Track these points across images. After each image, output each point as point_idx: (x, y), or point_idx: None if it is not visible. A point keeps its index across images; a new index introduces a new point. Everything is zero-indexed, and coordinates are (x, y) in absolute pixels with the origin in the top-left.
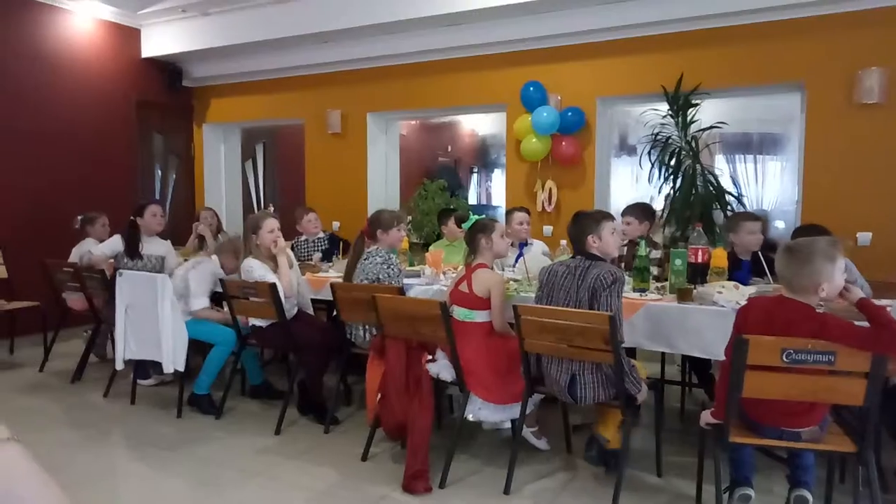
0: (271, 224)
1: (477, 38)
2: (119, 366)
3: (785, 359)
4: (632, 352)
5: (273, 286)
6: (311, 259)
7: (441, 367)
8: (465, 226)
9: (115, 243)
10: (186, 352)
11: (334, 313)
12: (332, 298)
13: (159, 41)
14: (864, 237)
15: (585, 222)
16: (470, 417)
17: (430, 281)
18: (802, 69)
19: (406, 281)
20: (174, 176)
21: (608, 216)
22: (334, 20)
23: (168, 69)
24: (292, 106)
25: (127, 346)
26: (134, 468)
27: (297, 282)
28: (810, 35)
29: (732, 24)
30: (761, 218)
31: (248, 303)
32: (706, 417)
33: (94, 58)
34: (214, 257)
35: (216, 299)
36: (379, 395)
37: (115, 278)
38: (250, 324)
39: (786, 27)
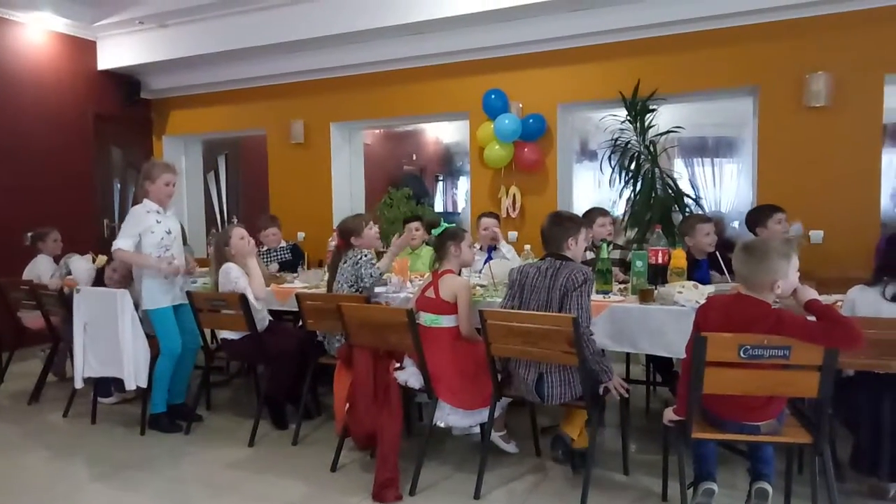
0: (240, 231)
1: (438, 47)
2: (78, 384)
3: (742, 354)
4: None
5: (243, 297)
6: (270, 270)
7: (409, 375)
8: (435, 232)
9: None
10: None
11: (300, 323)
12: (297, 309)
13: (116, 53)
14: (817, 235)
15: (568, 224)
16: (440, 424)
17: (397, 289)
18: (754, 74)
19: (377, 290)
20: (134, 190)
21: (586, 222)
22: (295, 31)
23: (125, 81)
24: (254, 117)
25: (87, 363)
26: (96, 490)
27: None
28: (761, 41)
29: (687, 30)
30: (713, 219)
31: (218, 315)
32: (669, 415)
33: (48, 71)
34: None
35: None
36: (347, 405)
37: (73, 295)
38: (220, 337)
39: (738, 33)
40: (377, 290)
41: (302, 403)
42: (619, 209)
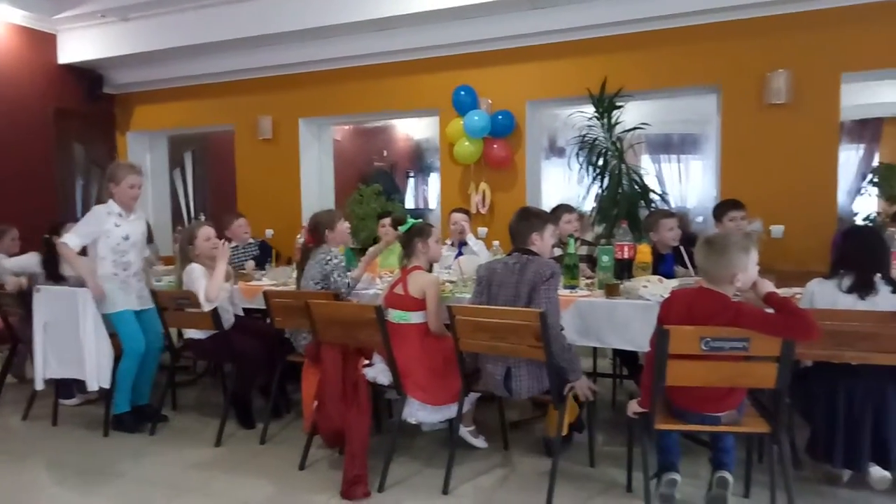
0: (206, 232)
1: (408, 42)
2: (39, 386)
3: (704, 347)
4: None
5: None
6: (244, 267)
7: (378, 372)
8: (402, 228)
9: (28, 261)
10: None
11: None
12: (265, 307)
13: (77, 47)
14: (777, 230)
15: (534, 220)
16: (409, 420)
17: (366, 286)
18: (717, 72)
19: None
20: (97, 187)
21: (553, 218)
22: (262, 25)
23: (87, 76)
24: (221, 112)
25: (47, 364)
26: (57, 494)
27: (221, 291)
28: (724, 39)
29: (652, 28)
30: (677, 214)
31: (183, 314)
32: (633, 407)
33: (5, 64)
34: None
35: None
36: (315, 403)
37: (32, 294)
38: (185, 336)
39: (701, 32)
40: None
41: (270, 402)
42: (588, 205)
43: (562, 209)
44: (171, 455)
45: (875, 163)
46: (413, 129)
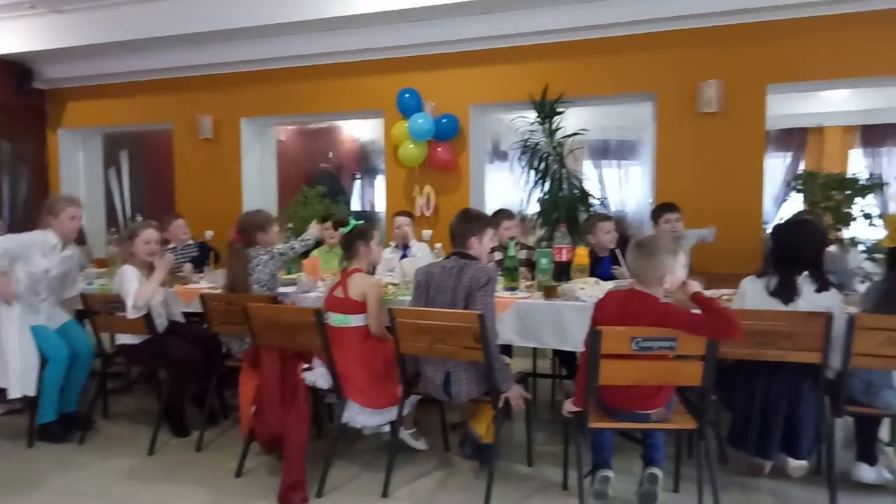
0: (148, 235)
1: (353, 44)
2: None
3: (634, 347)
4: (507, 349)
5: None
6: (182, 270)
7: (318, 376)
8: (344, 230)
9: None
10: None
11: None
12: (202, 310)
13: (4, 38)
14: (710, 233)
15: (473, 223)
16: (349, 424)
17: (308, 288)
18: (653, 81)
19: (282, 289)
20: (25, 186)
21: (493, 222)
22: (204, 22)
23: (16, 69)
24: (160, 110)
25: None
26: None
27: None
28: (659, 49)
29: (592, 37)
30: (614, 218)
31: (115, 318)
32: (568, 406)
33: None
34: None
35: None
36: (253, 408)
37: None
38: (118, 342)
39: (638, 42)
40: (285, 289)
41: (206, 408)
42: (531, 209)
43: (502, 215)
44: (101, 465)
45: (800, 170)
46: (359, 131)
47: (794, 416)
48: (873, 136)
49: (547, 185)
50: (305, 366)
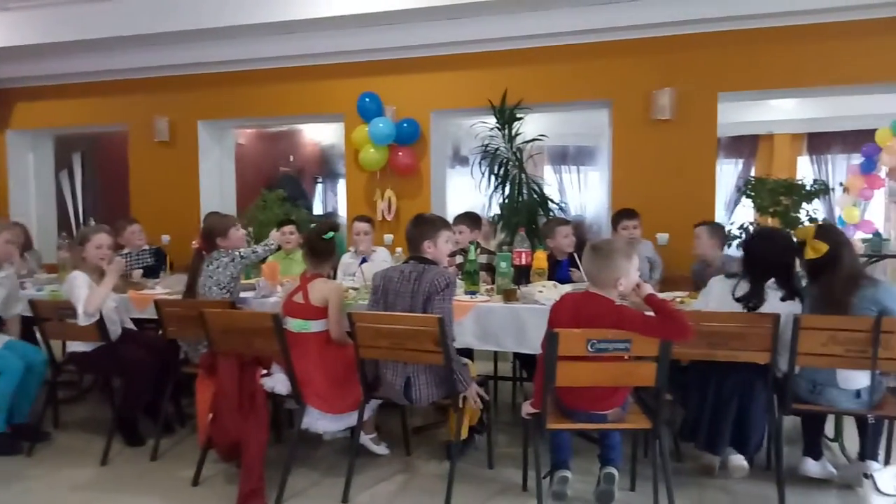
0: (100, 239)
1: (313, 47)
2: None
3: (590, 348)
4: (468, 353)
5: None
6: (131, 276)
7: (277, 381)
8: (328, 236)
9: None
10: None
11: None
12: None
13: None
14: (663, 238)
15: (425, 227)
16: (310, 430)
17: (266, 293)
18: (609, 88)
19: (244, 295)
20: None
21: (447, 225)
22: (159, 22)
23: None
24: (114, 112)
25: None
26: None
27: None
28: (615, 57)
29: (550, 44)
30: (572, 222)
31: (66, 325)
32: (526, 408)
33: None
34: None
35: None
36: (210, 415)
37: None
38: (69, 350)
39: (594, 49)
40: (245, 295)
41: (161, 417)
42: (492, 213)
43: (458, 219)
44: (52, 477)
45: (751, 176)
46: (321, 135)
47: (745, 413)
48: (819, 143)
49: (507, 190)
50: (264, 372)
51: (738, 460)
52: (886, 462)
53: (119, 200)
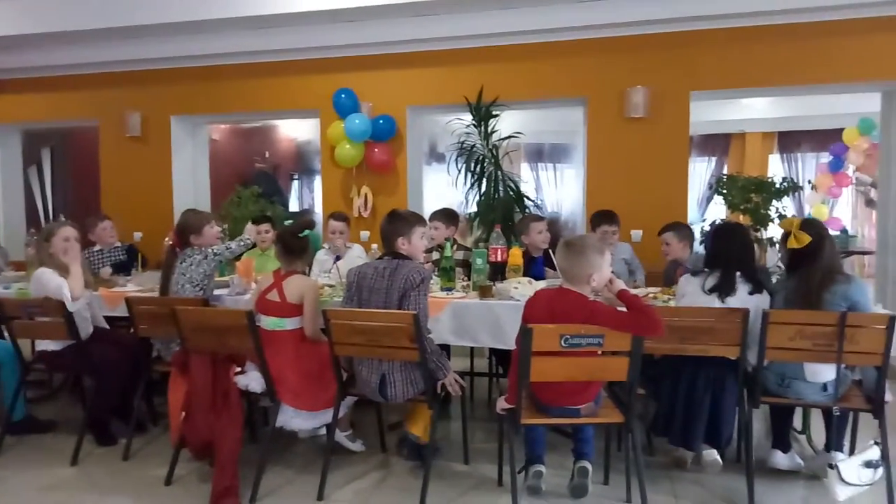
0: (66, 232)
1: (288, 42)
2: None
3: (563, 344)
4: (445, 348)
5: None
6: (100, 273)
7: (251, 379)
8: (302, 234)
9: None
10: None
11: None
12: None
13: None
14: (637, 234)
15: (399, 223)
16: (284, 428)
17: (241, 290)
18: (584, 86)
19: (218, 292)
20: None
21: (421, 220)
22: (131, 15)
23: None
24: (85, 106)
25: None
26: None
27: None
28: (590, 55)
29: (525, 42)
30: (545, 218)
31: (34, 324)
32: (501, 403)
33: None
34: None
35: None
36: (183, 414)
37: None
38: (38, 348)
39: (569, 47)
40: (218, 291)
41: (133, 416)
42: (469, 210)
43: (434, 215)
44: (21, 477)
45: (723, 173)
46: (296, 131)
47: (717, 407)
48: (789, 142)
49: (483, 187)
50: (238, 369)
51: (712, 455)
52: (851, 453)
53: (90, 197)
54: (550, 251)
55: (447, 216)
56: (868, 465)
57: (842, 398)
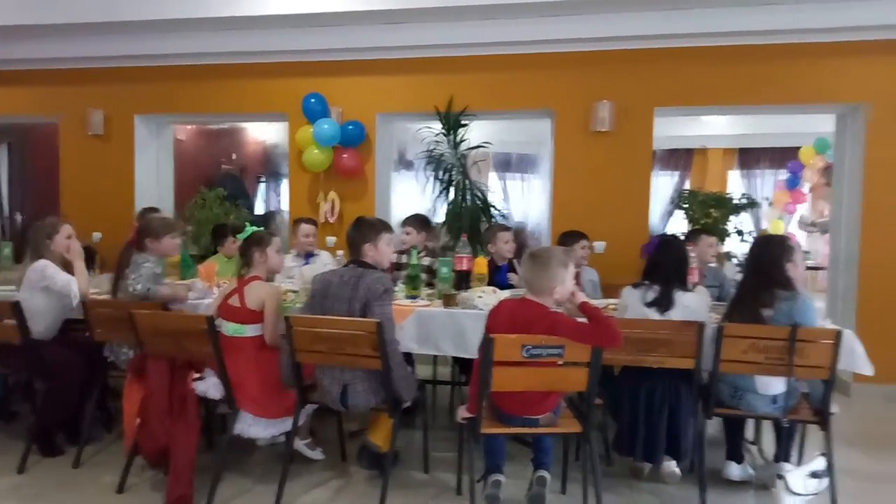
0: (68, 230)
1: (257, 44)
2: None
3: (525, 354)
4: (408, 357)
5: (16, 304)
6: None
7: (209, 386)
8: (241, 237)
9: None
10: None
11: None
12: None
13: None
14: (600, 245)
15: (366, 230)
16: (243, 435)
17: (202, 295)
18: (552, 99)
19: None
20: None
21: (387, 227)
22: (94, 11)
23: None
24: (44, 102)
25: None
26: None
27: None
28: (558, 69)
29: (496, 53)
30: (511, 228)
31: None
32: (461, 413)
33: None
34: None
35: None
36: (138, 420)
37: None
38: None
39: (538, 60)
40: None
41: (86, 422)
42: (439, 218)
43: (406, 221)
44: None
45: (685, 188)
46: (265, 133)
47: (675, 420)
48: (749, 158)
49: (451, 196)
50: (196, 375)
51: (671, 467)
52: (799, 463)
53: (48, 195)
54: (515, 261)
55: (420, 222)
56: (814, 475)
57: (791, 410)
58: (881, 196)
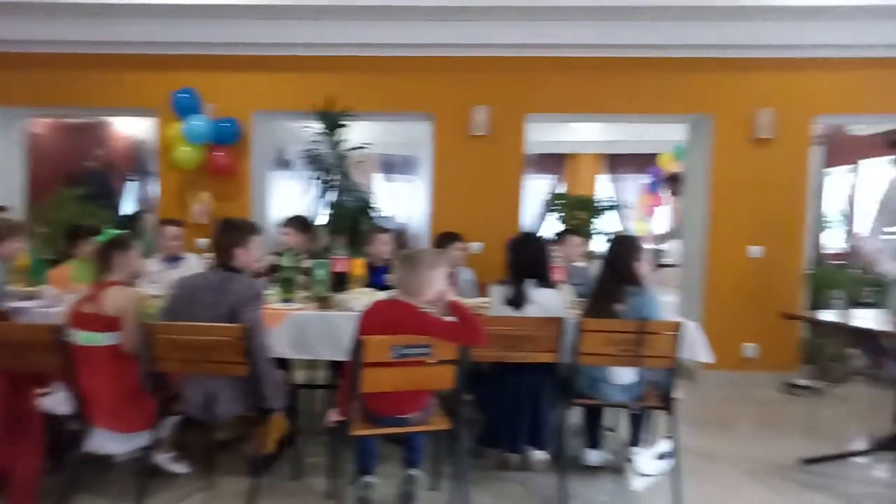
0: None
1: (124, 34)
2: None
3: (394, 354)
4: (284, 363)
5: None
6: None
7: (57, 401)
8: (98, 239)
9: None
10: None
11: None
12: None
13: None
14: (477, 246)
15: (234, 233)
16: (97, 452)
17: (53, 302)
18: (431, 102)
19: (24, 304)
20: None
21: (256, 229)
22: None
23: None
24: None
25: None
26: None
27: None
28: (437, 73)
29: (376, 54)
30: (390, 230)
31: None
32: (331, 416)
33: None
34: None
35: None
36: None
37: None
38: None
39: (418, 63)
40: (25, 303)
41: None
42: (321, 219)
43: (286, 222)
44: None
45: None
46: (134, 128)
47: (537, 411)
48: (616, 163)
49: (331, 196)
50: (42, 390)
51: (538, 455)
52: (651, 446)
53: None
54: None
55: (300, 223)
56: (661, 456)
57: (641, 398)
58: (725, 199)
